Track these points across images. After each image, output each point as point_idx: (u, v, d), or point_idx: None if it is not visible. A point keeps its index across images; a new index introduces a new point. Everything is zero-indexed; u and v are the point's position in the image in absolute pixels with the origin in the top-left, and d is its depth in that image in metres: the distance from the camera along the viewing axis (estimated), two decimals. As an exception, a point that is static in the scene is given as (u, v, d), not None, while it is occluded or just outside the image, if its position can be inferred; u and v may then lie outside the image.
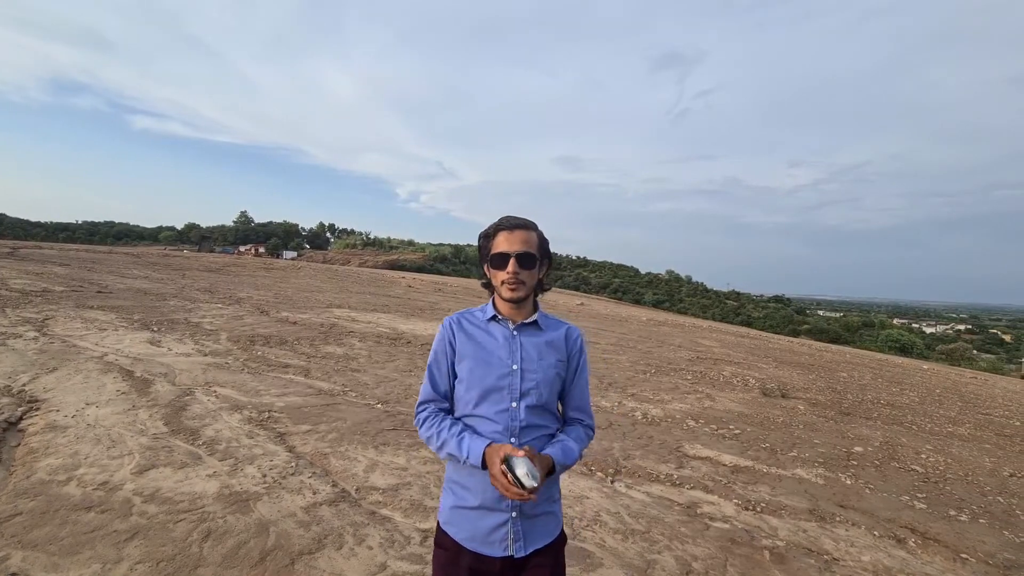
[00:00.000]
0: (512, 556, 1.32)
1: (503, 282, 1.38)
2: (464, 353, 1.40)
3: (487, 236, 1.42)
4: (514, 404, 1.35)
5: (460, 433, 1.33)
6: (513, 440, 1.33)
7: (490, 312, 1.45)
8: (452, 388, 1.43)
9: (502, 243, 1.38)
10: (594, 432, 1.50)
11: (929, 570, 2.95)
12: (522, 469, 1.15)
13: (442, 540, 1.38)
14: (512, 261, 1.36)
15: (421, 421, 1.41)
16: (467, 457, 1.27)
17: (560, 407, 1.51)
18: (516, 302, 1.41)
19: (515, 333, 1.42)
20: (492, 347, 1.40)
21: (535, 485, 1.13)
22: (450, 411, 1.44)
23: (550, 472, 1.28)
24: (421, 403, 1.45)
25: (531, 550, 1.34)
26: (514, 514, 1.33)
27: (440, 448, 1.34)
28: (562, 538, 1.43)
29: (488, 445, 1.26)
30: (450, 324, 1.46)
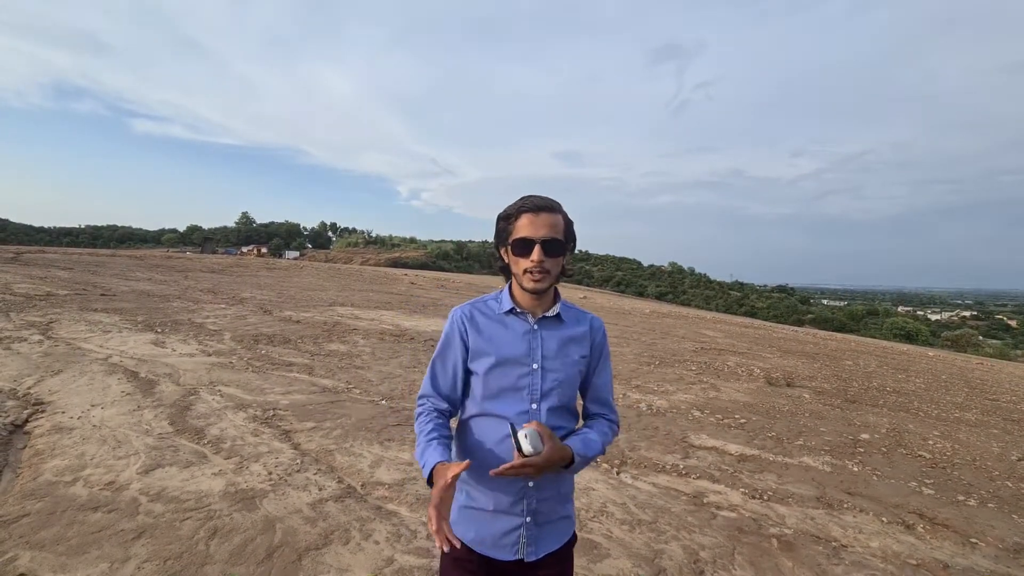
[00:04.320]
0: (523, 560, 1.26)
1: (526, 271, 1.23)
2: (479, 350, 1.28)
3: (508, 217, 1.26)
4: (534, 406, 1.26)
5: (430, 440, 1.23)
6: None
7: (507, 303, 1.31)
8: (455, 387, 1.33)
9: (525, 227, 1.22)
10: (618, 427, 1.42)
11: (938, 555, 2.94)
12: (523, 432, 1.12)
13: None
14: (537, 248, 1.21)
15: (417, 415, 1.33)
16: (423, 465, 1.18)
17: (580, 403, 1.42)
18: (540, 293, 1.27)
19: (535, 327, 1.30)
20: (510, 344, 1.28)
21: (532, 451, 1.10)
22: (450, 411, 1.34)
23: (569, 464, 1.20)
24: (421, 396, 1.37)
25: (543, 554, 1.28)
26: (528, 519, 1.26)
27: (416, 449, 1.26)
28: (573, 539, 1.37)
29: (439, 462, 1.15)
30: (461, 317, 1.32)
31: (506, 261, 1.30)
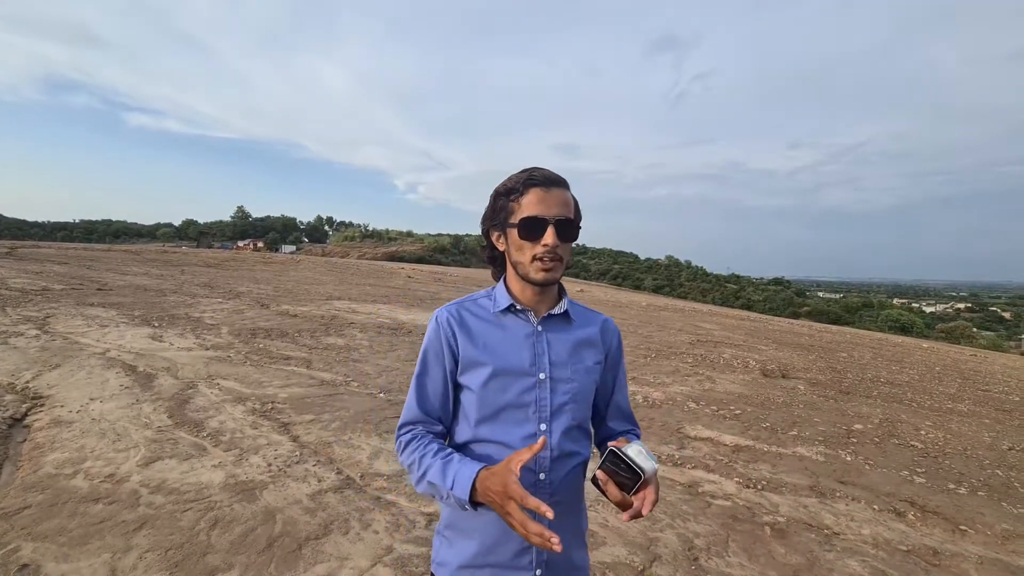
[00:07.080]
0: None
1: (535, 258, 1.01)
2: (472, 359, 1.04)
3: (510, 192, 1.03)
4: (543, 426, 1.03)
5: (449, 456, 0.99)
6: (543, 476, 1.02)
7: (504, 300, 1.08)
8: (447, 405, 1.09)
9: (535, 204, 1.00)
10: None
11: (929, 542, 2.99)
12: (635, 448, 0.90)
13: None
14: (551, 230, 0.99)
15: (403, 445, 1.06)
16: (451, 487, 0.93)
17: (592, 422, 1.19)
18: (550, 284, 1.05)
19: (539, 328, 1.07)
20: (510, 350, 1.05)
21: (653, 469, 0.88)
22: (444, 435, 1.11)
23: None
24: (405, 424, 1.09)
25: None
26: (539, 572, 1.03)
27: (422, 476, 0.99)
28: None
29: (483, 468, 0.92)
30: (448, 319, 1.07)
31: (501, 248, 1.09)
